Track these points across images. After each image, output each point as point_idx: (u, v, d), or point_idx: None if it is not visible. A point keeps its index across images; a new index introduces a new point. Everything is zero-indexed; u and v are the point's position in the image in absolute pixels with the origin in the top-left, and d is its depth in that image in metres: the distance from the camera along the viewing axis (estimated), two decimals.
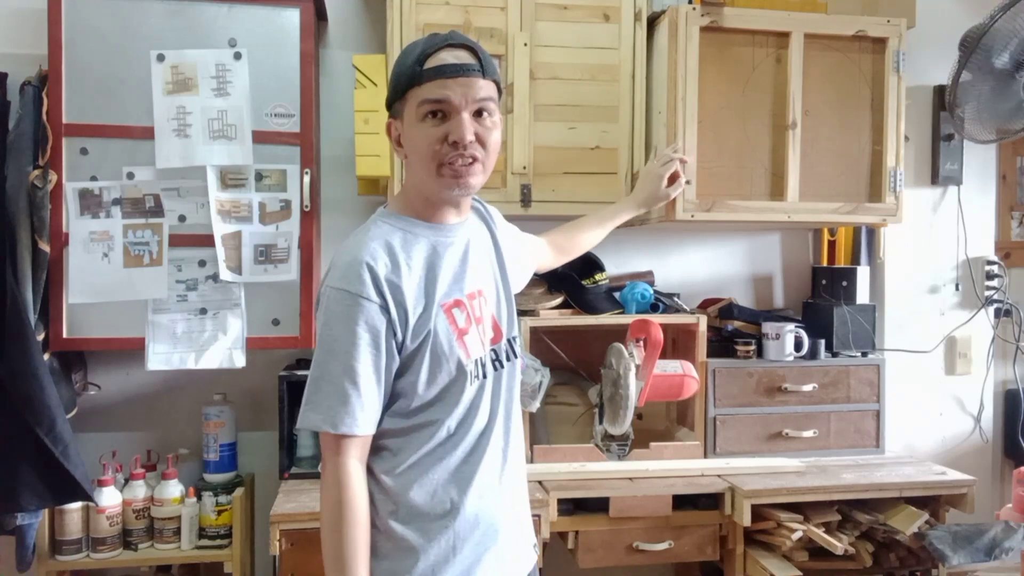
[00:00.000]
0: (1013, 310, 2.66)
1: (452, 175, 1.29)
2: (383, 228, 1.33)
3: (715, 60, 2.12)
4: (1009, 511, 2.22)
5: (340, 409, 1.24)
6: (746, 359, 2.30)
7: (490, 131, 1.31)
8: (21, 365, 1.85)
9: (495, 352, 1.38)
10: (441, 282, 1.31)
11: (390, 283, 1.26)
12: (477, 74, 1.27)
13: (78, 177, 1.98)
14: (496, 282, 1.43)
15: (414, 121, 1.29)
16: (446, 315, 1.30)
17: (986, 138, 2.36)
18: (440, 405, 1.32)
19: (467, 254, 1.37)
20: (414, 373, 1.29)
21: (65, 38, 1.96)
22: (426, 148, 1.28)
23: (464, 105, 1.27)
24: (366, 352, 1.25)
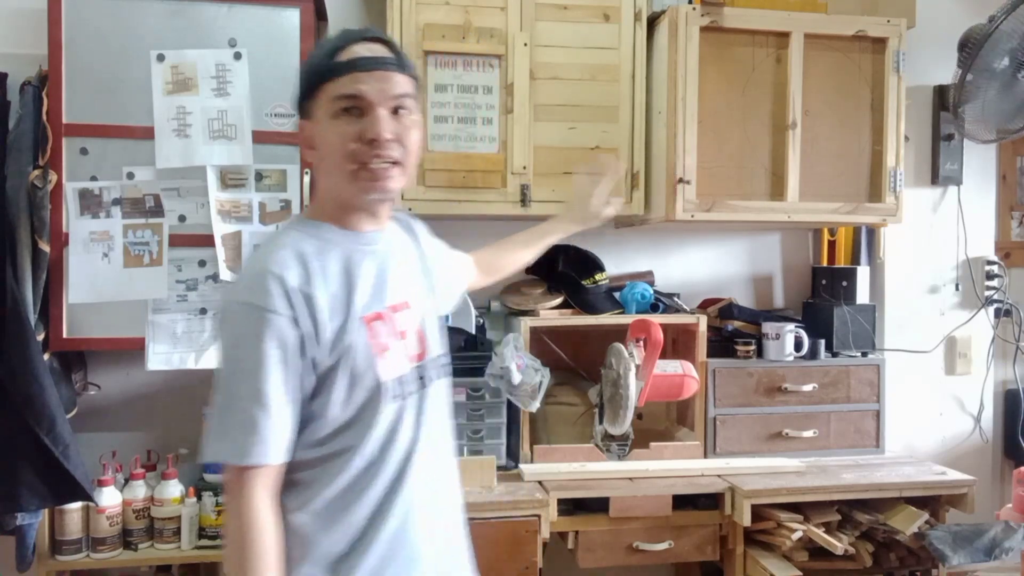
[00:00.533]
0: (1013, 310, 2.65)
1: (370, 178, 1.19)
2: (293, 236, 1.22)
3: (715, 60, 2.12)
4: (1009, 511, 2.22)
5: (248, 438, 1.11)
6: (746, 359, 2.30)
7: (409, 130, 1.22)
8: (21, 365, 1.85)
9: (420, 370, 1.27)
10: (359, 293, 1.20)
11: (302, 294, 1.14)
12: (394, 68, 1.19)
13: (78, 177, 1.98)
14: (423, 295, 1.32)
15: (327, 119, 1.19)
16: (367, 328, 1.19)
17: (987, 138, 2.36)
18: (355, 429, 1.19)
19: (388, 263, 1.27)
20: (328, 393, 1.17)
21: (65, 38, 1.95)
22: (340, 147, 1.18)
23: (381, 101, 1.17)
24: (276, 371, 1.12)
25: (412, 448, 1.24)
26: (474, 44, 2.08)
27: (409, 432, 1.24)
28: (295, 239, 1.20)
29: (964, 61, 2.21)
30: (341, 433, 1.20)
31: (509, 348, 2.04)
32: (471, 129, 2.10)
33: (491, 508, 1.88)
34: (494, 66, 2.11)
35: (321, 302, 1.16)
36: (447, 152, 2.09)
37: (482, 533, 1.85)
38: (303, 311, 1.14)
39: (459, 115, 2.10)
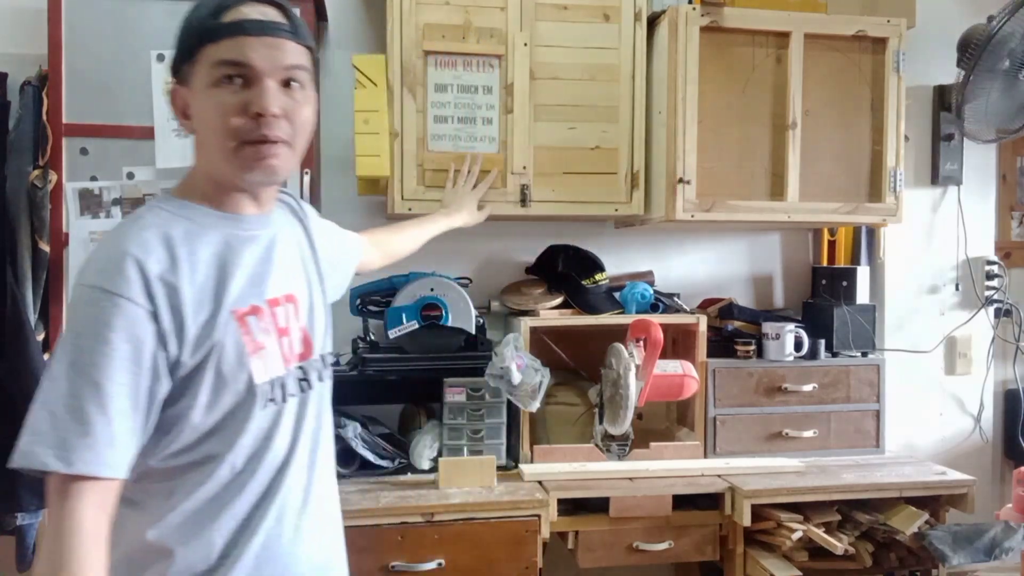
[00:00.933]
0: (1013, 310, 2.65)
1: (253, 157, 1.05)
2: (161, 216, 1.07)
3: (715, 60, 2.12)
4: (1009, 511, 2.22)
5: (77, 440, 0.93)
6: (746, 359, 2.30)
7: (300, 106, 1.09)
8: (21, 365, 1.85)
9: (303, 370, 1.16)
10: (234, 284, 1.07)
11: (164, 283, 1.00)
12: (286, 35, 1.06)
13: (78, 177, 1.98)
14: (310, 288, 1.21)
15: (205, 87, 1.05)
16: (238, 324, 1.06)
17: (987, 138, 2.36)
18: (221, 436, 1.06)
19: (271, 252, 1.14)
20: (192, 397, 1.03)
21: (65, 38, 1.95)
22: (220, 121, 1.04)
23: (269, 71, 1.04)
24: (122, 369, 0.96)
25: (288, 458, 1.12)
26: (474, 44, 2.08)
27: (285, 440, 1.12)
28: (163, 220, 1.06)
29: (967, 62, 2.21)
30: (204, 441, 1.06)
31: (509, 348, 2.04)
32: (471, 129, 2.10)
33: (491, 508, 1.88)
34: (494, 66, 2.11)
35: (186, 294, 1.02)
36: (447, 152, 2.09)
37: (482, 533, 1.86)
38: (164, 304, 1.00)
39: (459, 115, 2.10)
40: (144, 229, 1.04)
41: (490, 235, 2.42)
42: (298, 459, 1.14)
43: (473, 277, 2.34)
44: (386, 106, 2.04)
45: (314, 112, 1.14)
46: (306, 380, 1.17)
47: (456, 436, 2.09)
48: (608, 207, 2.18)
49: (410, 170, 2.06)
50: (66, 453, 0.94)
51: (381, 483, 1.99)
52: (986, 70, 2.21)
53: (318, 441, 1.20)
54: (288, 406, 1.13)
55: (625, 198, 2.17)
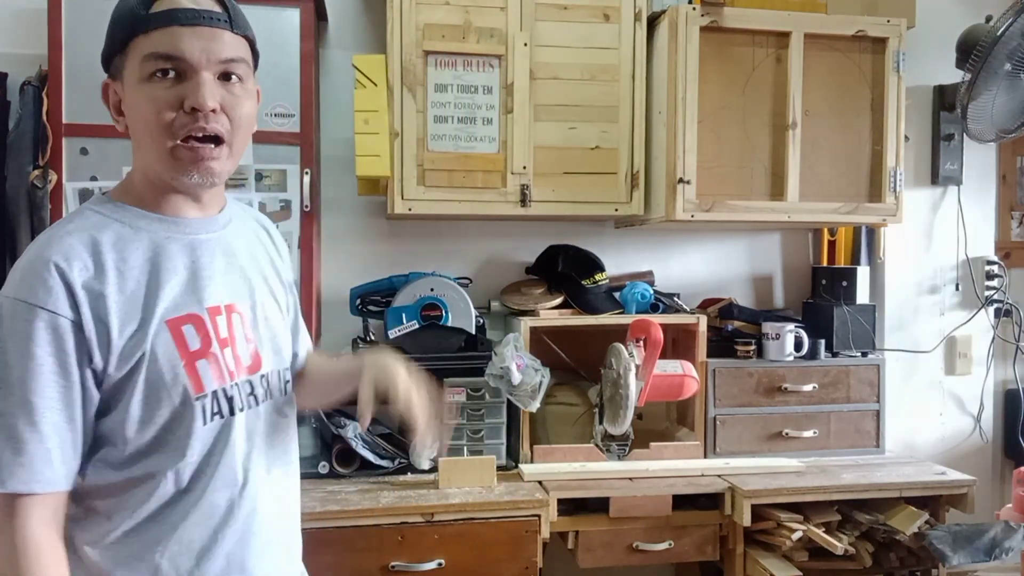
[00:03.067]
0: (1013, 310, 2.65)
1: (190, 158, 0.99)
2: (91, 219, 1.02)
3: (715, 60, 2.12)
4: (1009, 511, 2.22)
5: (11, 459, 0.93)
6: (746, 359, 2.30)
7: (240, 100, 1.02)
8: None
9: (251, 384, 1.09)
10: (167, 290, 1.01)
11: (88, 291, 0.96)
12: (223, 25, 1.00)
13: (78, 177, 1.98)
14: (259, 300, 1.13)
15: (137, 82, 0.99)
16: (171, 333, 1.00)
17: (990, 138, 2.36)
18: (162, 452, 1.01)
19: (214, 258, 1.07)
20: (123, 410, 0.99)
21: (65, 38, 1.95)
22: (153, 117, 0.98)
23: (204, 63, 0.98)
24: (51, 383, 0.94)
25: (244, 476, 1.07)
26: (474, 44, 2.08)
27: (239, 455, 1.06)
28: (92, 223, 1.02)
29: (974, 63, 2.20)
30: (143, 457, 1.01)
31: (509, 348, 2.04)
32: (471, 129, 2.10)
33: (491, 508, 1.88)
34: (494, 66, 2.11)
35: (112, 303, 0.97)
36: (447, 152, 2.09)
37: (482, 533, 1.86)
38: (88, 313, 0.96)
39: (459, 115, 2.10)
40: (69, 234, 0.99)
41: (490, 235, 2.42)
42: (257, 477, 1.08)
43: (473, 277, 2.34)
44: (386, 106, 2.04)
45: (255, 106, 1.07)
46: (253, 395, 1.10)
47: (456, 436, 2.09)
48: (608, 207, 2.18)
49: (410, 170, 2.06)
50: (0, 473, 0.94)
51: (381, 483, 1.99)
52: (989, 71, 2.21)
53: (278, 458, 1.14)
54: (238, 420, 1.06)
55: (625, 198, 2.17)
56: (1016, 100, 2.25)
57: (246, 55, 1.04)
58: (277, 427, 1.15)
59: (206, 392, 1.03)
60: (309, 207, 2.06)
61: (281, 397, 1.16)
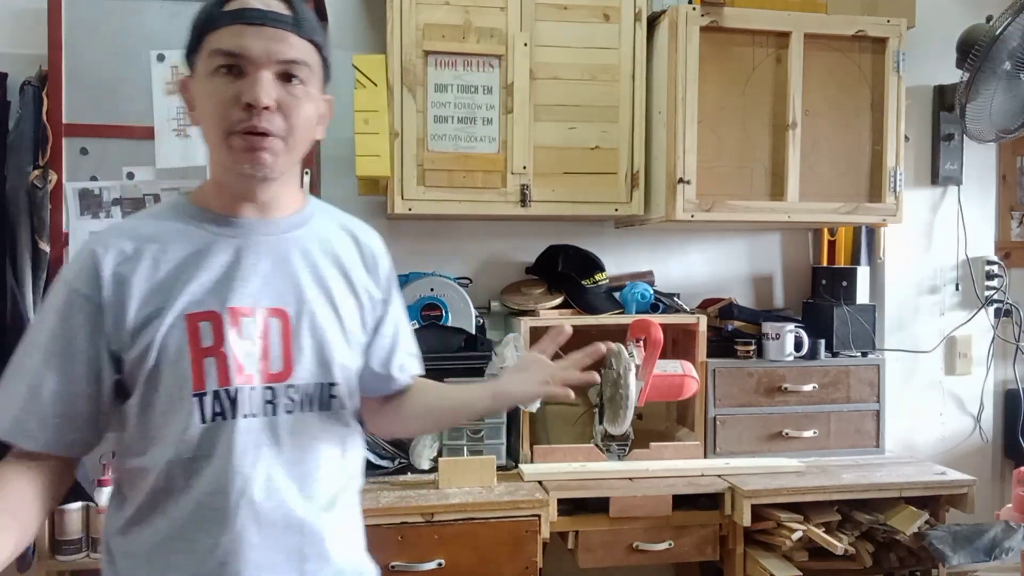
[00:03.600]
0: (1013, 310, 2.65)
1: (242, 146, 1.01)
2: (156, 210, 1.11)
3: (715, 60, 2.12)
4: (1009, 511, 2.22)
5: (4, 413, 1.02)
6: (746, 359, 2.30)
7: (298, 102, 1.03)
8: None
9: (271, 391, 1.05)
10: (194, 285, 1.03)
11: (116, 275, 1.01)
12: (288, 27, 1.02)
13: (78, 177, 1.98)
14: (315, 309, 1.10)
15: (204, 76, 1.03)
16: (187, 327, 1.02)
17: (990, 138, 2.36)
18: (158, 445, 1.02)
19: (259, 259, 1.07)
20: (132, 396, 1.03)
21: (65, 38, 1.95)
22: (213, 110, 1.01)
23: (265, 62, 1.00)
24: (53, 350, 1.01)
25: (244, 488, 1.02)
26: (474, 44, 2.08)
27: (239, 464, 1.02)
28: (148, 217, 1.10)
29: (972, 63, 2.20)
30: (140, 447, 1.04)
31: (509, 348, 2.04)
32: (471, 129, 2.10)
33: (491, 508, 1.88)
34: (494, 66, 2.11)
35: (136, 288, 1.01)
36: (447, 152, 2.09)
37: (482, 533, 1.86)
38: (108, 293, 1.01)
39: (459, 115, 2.10)
40: (123, 226, 1.08)
41: (490, 235, 2.42)
42: (263, 488, 1.04)
43: (473, 277, 2.34)
44: (386, 106, 2.04)
45: (316, 111, 1.08)
46: (274, 403, 1.06)
47: (456, 436, 2.09)
48: (608, 207, 2.18)
49: (410, 170, 2.06)
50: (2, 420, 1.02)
51: (381, 483, 1.99)
52: (988, 71, 2.21)
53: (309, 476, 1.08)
54: (243, 425, 1.03)
55: (625, 198, 2.17)
56: (1015, 100, 2.25)
57: (310, 60, 1.05)
58: (309, 442, 1.09)
59: (206, 390, 1.02)
60: None
61: (323, 412, 1.11)
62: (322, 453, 1.11)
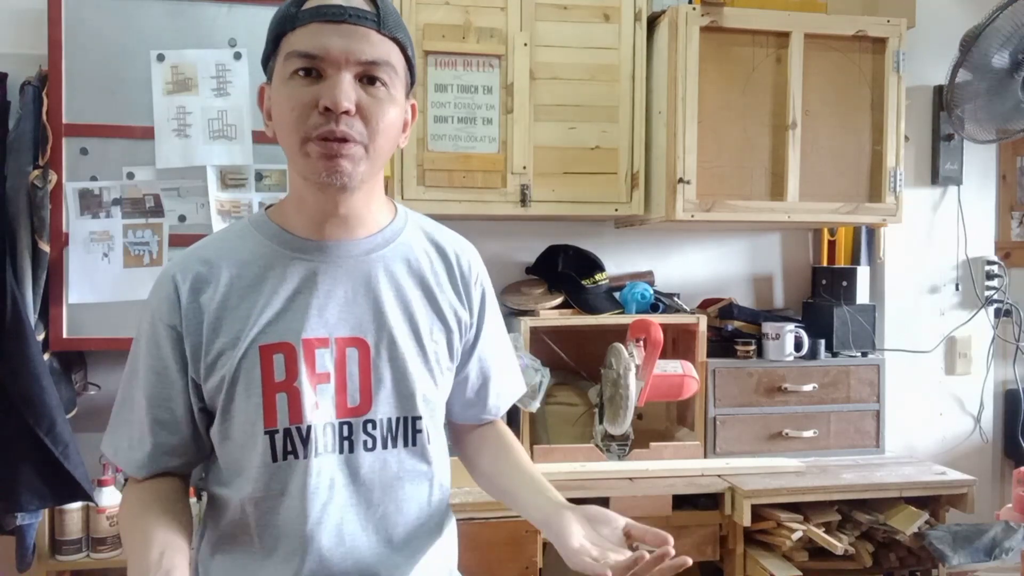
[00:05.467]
0: (1013, 310, 2.65)
1: (318, 153, 0.92)
2: (235, 230, 1.04)
3: (715, 60, 2.12)
4: (1009, 511, 2.22)
5: (112, 439, 1.04)
6: (746, 359, 2.30)
7: (382, 105, 0.94)
8: (21, 365, 1.85)
9: (348, 427, 0.99)
10: (268, 313, 0.97)
11: (193, 303, 0.98)
12: (370, 24, 0.93)
13: (78, 177, 1.98)
14: (396, 338, 1.02)
15: (281, 81, 0.95)
16: (260, 359, 0.96)
17: (986, 138, 2.36)
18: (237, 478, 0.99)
19: (337, 284, 1.00)
20: (213, 425, 1.01)
21: (65, 38, 1.95)
22: (288, 116, 0.93)
23: (344, 63, 0.91)
24: (150, 380, 1.00)
25: (313, 534, 0.97)
26: (474, 44, 2.08)
27: (311, 506, 0.97)
28: (233, 234, 1.03)
29: (957, 59, 2.21)
30: (221, 474, 1.02)
31: None
32: (471, 129, 2.10)
33: (491, 508, 1.88)
34: (494, 66, 2.11)
35: (212, 316, 0.97)
36: (447, 152, 2.09)
37: (482, 533, 1.86)
38: (189, 324, 0.98)
39: (459, 115, 2.10)
40: (201, 247, 1.03)
41: (490, 235, 2.42)
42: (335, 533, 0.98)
43: None
44: None
45: (400, 117, 0.99)
46: (350, 439, 0.99)
47: None
48: (608, 207, 2.18)
49: (410, 170, 2.06)
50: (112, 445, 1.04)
51: None
52: (976, 67, 2.21)
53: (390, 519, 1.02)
54: (316, 464, 0.97)
55: (625, 198, 2.18)
56: (1012, 100, 2.25)
57: (395, 60, 0.95)
58: (391, 482, 1.02)
59: (277, 427, 0.96)
60: None
61: (408, 449, 1.03)
62: (405, 494, 1.03)
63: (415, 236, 1.08)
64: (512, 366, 1.22)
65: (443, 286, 1.07)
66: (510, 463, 1.15)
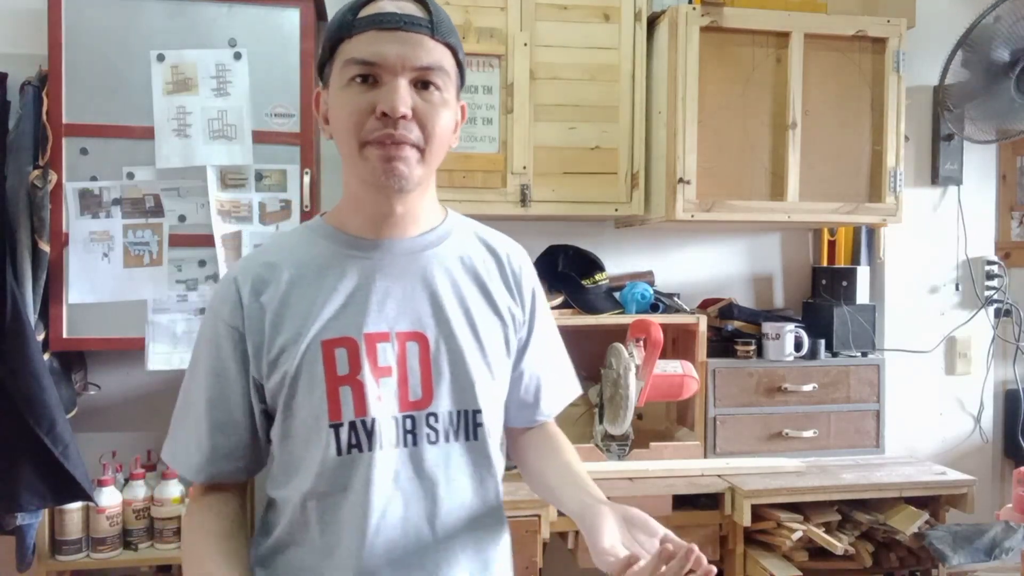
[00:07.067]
0: (1013, 310, 2.65)
1: (377, 156, 0.95)
2: (295, 235, 1.07)
3: (715, 60, 2.12)
4: (1009, 511, 2.22)
5: (171, 444, 1.05)
6: (746, 359, 2.30)
7: (436, 110, 0.97)
8: (21, 365, 1.85)
9: (412, 421, 1.00)
10: (329, 309, 0.99)
11: (254, 303, 1.00)
12: (423, 31, 0.96)
13: (78, 177, 1.98)
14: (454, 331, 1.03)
15: (338, 88, 0.98)
16: (323, 354, 0.98)
17: (985, 138, 2.36)
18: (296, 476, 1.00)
19: (394, 280, 1.02)
20: (273, 425, 1.03)
21: (65, 38, 1.95)
22: (346, 122, 0.96)
23: (400, 69, 0.94)
24: (211, 382, 1.01)
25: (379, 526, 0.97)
26: (474, 44, 2.08)
27: (376, 501, 0.97)
28: (285, 240, 1.07)
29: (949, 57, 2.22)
30: (279, 476, 1.03)
31: None
32: (471, 129, 2.10)
33: None
34: (494, 66, 2.11)
35: (273, 315, 0.99)
36: (447, 152, 2.08)
37: None
38: (248, 325, 0.99)
39: None
40: (262, 251, 1.06)
41: None
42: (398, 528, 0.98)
43: None
44: None
45: (454, 120, 1.02)
46: (414, 433, 1.00)
47: None
48: (608, 207, 2.18)
49: None
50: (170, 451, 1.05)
51: None
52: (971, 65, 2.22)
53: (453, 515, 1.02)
54: (380, 458, 0.98)
55: (625, 198, 2.18)
56: (1004, 98, 2.25)
57: (447, 65, 0.98)
58: (454, 476, 1.02)
59: (342, 421, 0.97)
60: (309, 207, 2.06)
61: (470, 443, 1.03)
62: (467, 489, 1.04)
63: (466, 235, 1.11)
64: (565, 369, 1.23)
65: (495, 283, 1.09)
66: (558, 460, 1.16)
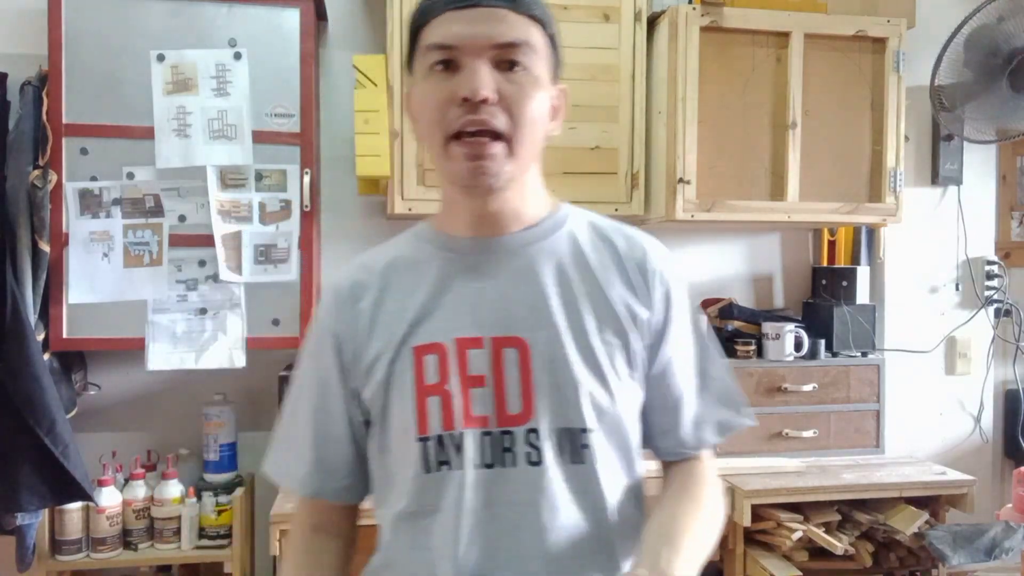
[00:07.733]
0: (1013, 310, 2.65)
1: (461, 153, 0.86)
2: (401, 240, 1.01)
3: (715, 60, 2.12)
4: (1009, 511, 2.22)
5: (275, 456, 1.02)
6: (746, 359, 2.30)
7: (524, 91, 0.87)
8: (21, 365, 1.85)
9: (510, 437, 0.88)
10: (420, 314, 0.92)
11: (353, 310, 0.95)
12: (504, 4, 0.87)
13: (78, 177, 1.98)
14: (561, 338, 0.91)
15: (420, 79, 0.90)
16: (413, 361, 0.90)
17: (984, 138, 2.36)
18: (388, 494, 0.95)
19: (491, 280, 0.92)
20: (371, 438, 0.97)
21: (65, 38, 1.95)
22: (428, 114, 0.88)
23: (478, 50, 0.86)
24: (312, 394, 0.98)
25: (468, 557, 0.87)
26: None
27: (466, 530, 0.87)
28: (388, 246, 1.01)
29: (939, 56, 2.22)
30: (379, 494, 0.98)
31: None
32: None
33: None
34: None
35: (370, 321, 0.94)
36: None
37: None
38: (346, 333, 0.95)
39: None
40: (367, 255, 1.01)
41: None
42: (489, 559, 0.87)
43: None
44: (386, 106, 2.04)
45: (548, 102, 0.92)
46: (512, 451, 0.88)
47: None
48: (608, 207, 2.18)
49: (410, 170, 2.06)
50: (274, 465, 1.02)
51: None
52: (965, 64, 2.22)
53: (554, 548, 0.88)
54: (471, 477, 0.88)
55: (625, 198, 2.17)
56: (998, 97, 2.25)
57: (535, 39, 0.90)
58: (558, 503, 0.88)
59: (429, 434, 0.89)
60: (309, 207, 2.06)
61: (575, 467, 0.90)
62: (574, 518, 0.89)
63: (579, 229, 1.01)
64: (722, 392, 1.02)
65: (613, 281, 0.96)
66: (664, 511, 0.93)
